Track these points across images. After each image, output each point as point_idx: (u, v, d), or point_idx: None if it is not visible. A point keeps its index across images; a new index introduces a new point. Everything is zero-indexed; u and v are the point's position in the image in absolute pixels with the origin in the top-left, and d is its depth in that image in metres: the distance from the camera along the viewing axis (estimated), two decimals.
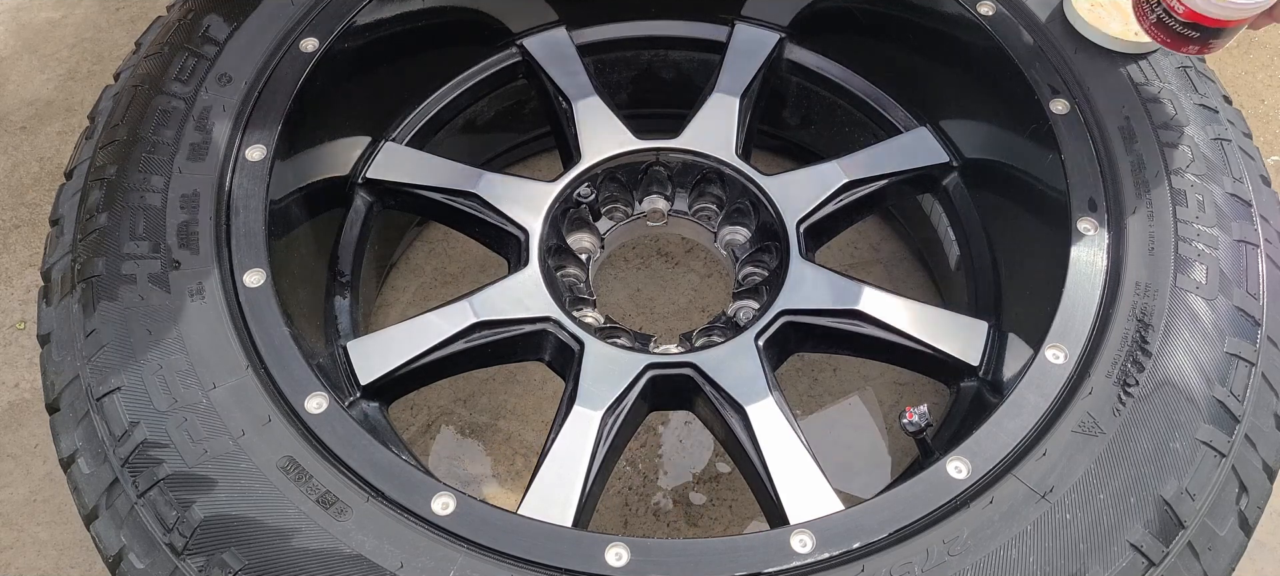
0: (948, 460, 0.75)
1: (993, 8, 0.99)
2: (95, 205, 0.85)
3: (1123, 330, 0.79)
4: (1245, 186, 0.88)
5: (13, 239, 1.29)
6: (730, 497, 1.09)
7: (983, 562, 0.69)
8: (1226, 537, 0.72)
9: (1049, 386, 0.78)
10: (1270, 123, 1.42)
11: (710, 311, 1.21)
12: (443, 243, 1.27)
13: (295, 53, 0.95)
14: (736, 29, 1.12)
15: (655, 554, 0.71)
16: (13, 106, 1.41)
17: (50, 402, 0.78)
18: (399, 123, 1.12)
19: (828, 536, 0.71)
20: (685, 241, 1.26)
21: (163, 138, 0.88)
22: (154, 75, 0.93)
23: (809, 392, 1.16)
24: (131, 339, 0.78)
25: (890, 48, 1.11)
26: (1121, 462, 0.73)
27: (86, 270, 0.81)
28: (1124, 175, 0.88)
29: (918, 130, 1.09)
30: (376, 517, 0.71)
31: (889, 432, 1.13)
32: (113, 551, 0.71)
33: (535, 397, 1.16)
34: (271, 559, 0.68)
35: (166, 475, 0.72)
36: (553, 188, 1.03)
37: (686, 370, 0.91)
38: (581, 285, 1.06)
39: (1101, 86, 0.93)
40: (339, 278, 1.06)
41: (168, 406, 0.75)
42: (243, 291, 0.82)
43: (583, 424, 0.87)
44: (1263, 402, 0.78)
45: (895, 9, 1.06)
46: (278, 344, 0.80)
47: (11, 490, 1.09)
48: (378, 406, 0.93)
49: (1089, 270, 0.84)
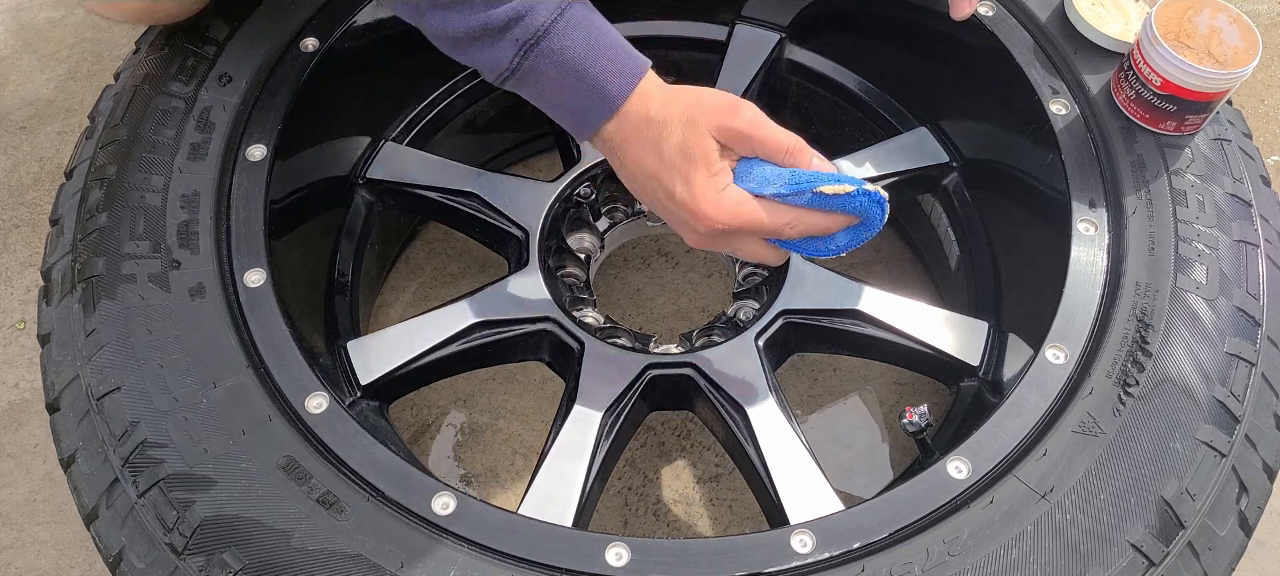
0: (948, 460, 0.75)
1: (993, 8, 0.99)
2: (95, 205, 0.85)
3: (1123, 330, 0.79)
4: (1245, 186, 0.88)
5: (13, 239, 1.29)
6: (730, 497, 1.09)
7: (983, 562, 0.69)
8: (1226, 537, 0.72)
9: (1049, 386, 0.78)
10: (1270, 123, 1.42)
11: (710, 311, 1.21)
12: (443, 242, 1.27)
13: (295, 52, 0.96)
14: (736, 29, 1.12)
15: (655, 554, 0.71)
16: (13, 106, 1.41)
17: (50, 402, 0.78)
18: (399, 122, 1.12)
19: (828, 536, 0.71)
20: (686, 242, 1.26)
21: (163, 137, 0.88)
22: (154, 75, 0.93)
23: (809, 392, 1.16)
24: (132, 339, 0.78)
25: (890, 48, 1.11)
26: (1122, 463, 0.73)
27: (87, 270, 0.81)
28: (1124, 175, 0.88)
29: (918, 130, 1.09)
30: (376, 517, 0.71)
31: (889, 432, 1.13)
32: (113, 551, 0.71)
33: (535, 397, 1.16)
34: (272, 559, 0.68)
35: (167, 475, 0.72)
36: (553, 188, 1.03)
37: (687, 370, 0.91)
38: (581, 285, 1.06)
39: (1102, 86, 0.93)
40: (339, 278, 1.06)
41: (168, 406, 0.75)
42: (243, 291, 0.82)
43: (583, 424, 0.87)
44: (1263, 403, 0.78)
45: (895, 9, 1.06)
46: (278, 344, 0.80)
47: (11, 490, 1.09)
48: (378, 406, 0.93)
49: (1089, 270, 0.84)
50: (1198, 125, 0.89)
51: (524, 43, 0.73)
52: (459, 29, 0.74)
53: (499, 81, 0.76)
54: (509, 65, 0.74)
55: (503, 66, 0.74)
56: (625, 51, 0.76)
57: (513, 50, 0.74)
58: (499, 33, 0.73)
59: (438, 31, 0.75)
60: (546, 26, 0.73)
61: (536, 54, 0.74)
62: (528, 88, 0.76)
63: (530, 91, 0.77)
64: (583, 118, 0.77)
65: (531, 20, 0.73)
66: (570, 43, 0.74)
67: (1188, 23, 0.87)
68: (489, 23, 0.73)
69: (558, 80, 0.75)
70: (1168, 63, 0.85)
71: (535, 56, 0.74)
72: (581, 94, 0.75)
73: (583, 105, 0.76)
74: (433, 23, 0.75)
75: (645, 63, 0.77)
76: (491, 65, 0.75)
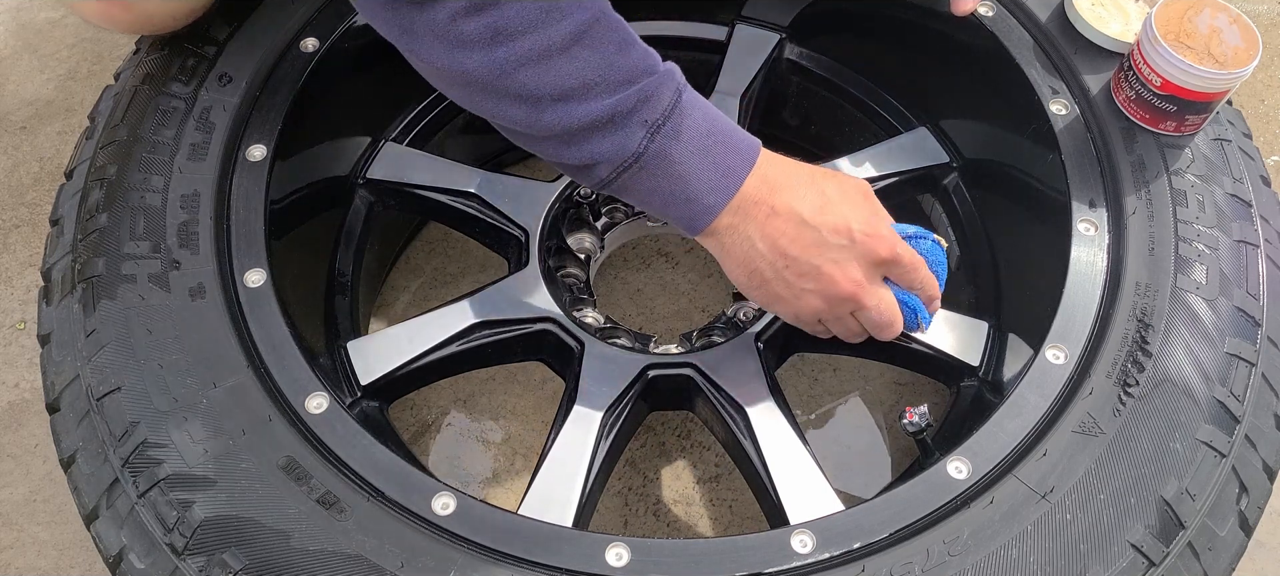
0: (948, 460, 0.75)
1: (993, 8, 0.99)
2: (95, 205, 0.85)
3: (1123, 330, 0.79)
4: (1245, 187, 0.88)
5: (13, 239, 1.29)
6: (730, 497, 1.09)
7: (983, 562, 0.69)
8: (1227, 538, 0.72)
9: (1049, 386, 0.78)
10: (1270, 123, 1.42)
11: (710, 311, 1.21)
12: (443, 243, 1.27)
13: (295, 52, 0.96)
14: (736, 30, 1.12)
15: (655, 554, 0.71)
16: (13, 106, 1.41)
17: (50, 402, 0.78)
18: (399, 122, 1.12)
19: (828, 536, 0.71)
20: (685, 241, 1.26)
21: (163, 138, 0.88)
22: (154, 75, 0.93)
23: (809, 392, 1.16)
24: (132, 339, 0.78)
25: (890, 48, 1.11)
26: (1122, 463, 0.73)
27: (87, 270, 0.81)
28: (1124, 175, 0.88)
29: (918, 130, 1.09)
30: (376, 517, 0.71)
31: (889, 432, 1.13)
32: (113, 551, 0.71)
33: (535, 397, 1.16)
34: (272, 559, 0.68)
35: (167, 475, 0.72)
36: (553, 188, 1.03)
37: (686, 370, 0.91)
38: (581, 285, 1.06)
39: (1102, 87, 0.93)
40: (339, 278, 1.06)
41: (168, 406, 0.75)
42: (243, 291, 0.82)
43: (583, 424, 0.87)
44: (1263, 403, 0.78)
45: (895, 9, 1.06)
46: (278, 344, 0.80)
47: (11, 490, 1.09)
48: (378, 406, 0.93)
49: (1089, 270, 0.84)
50: (1198, 125, 0.89)
51: (653, 123, 0.70)
52: (583, 119, 0.69)
53: (616, 173, 0.72)
54: (635, 151, 0.70)
55: (628, 154, 0.71)
56: (734, 125, 0.76)
57: (641, 133, 0.70)
58: (627, 116, 0.70)
59: (556, 127, 0.70)
60: (671, 106, 0.71)
61: (663, 134, 0.71)
62: (647, 175, 0.72)
63: (647, 180, 0.72)
64: (708, 198, 0.73)
65: (658, 101, 0.70)
66: (693, 120, 0.72)
67: (1188, 23, 0.87)
68: (618, 107, 0.69)
69: (683, 161, 0.72)
70: (1168, 63, 0.85)
71: (662, 138, 0.71)
72: (708, 170, 0.73)
73: (711, 181, 0.73)
74: (551, 119, 0.70)
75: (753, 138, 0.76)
76: (614, 154, 0.71)
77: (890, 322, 0.80)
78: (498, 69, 0.68)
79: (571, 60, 0.68)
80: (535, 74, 0.68)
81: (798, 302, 0.78)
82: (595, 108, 0.69)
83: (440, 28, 0.67)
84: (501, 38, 0.67)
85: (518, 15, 0.67)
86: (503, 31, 0.67)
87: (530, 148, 0.74)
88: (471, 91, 0.71)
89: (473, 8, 0.66)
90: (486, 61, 0.68)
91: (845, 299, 0.77)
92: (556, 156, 0.73)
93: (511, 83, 0.69)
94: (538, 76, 0.68)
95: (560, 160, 0.73)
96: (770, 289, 0.78)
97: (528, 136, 0.73)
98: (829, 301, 0.78)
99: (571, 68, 0.68)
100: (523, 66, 0.68)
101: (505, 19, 0.67)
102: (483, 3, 0.66)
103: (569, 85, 0.69)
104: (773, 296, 0.79)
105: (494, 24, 0.67)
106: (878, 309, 0.78)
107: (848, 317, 0.80)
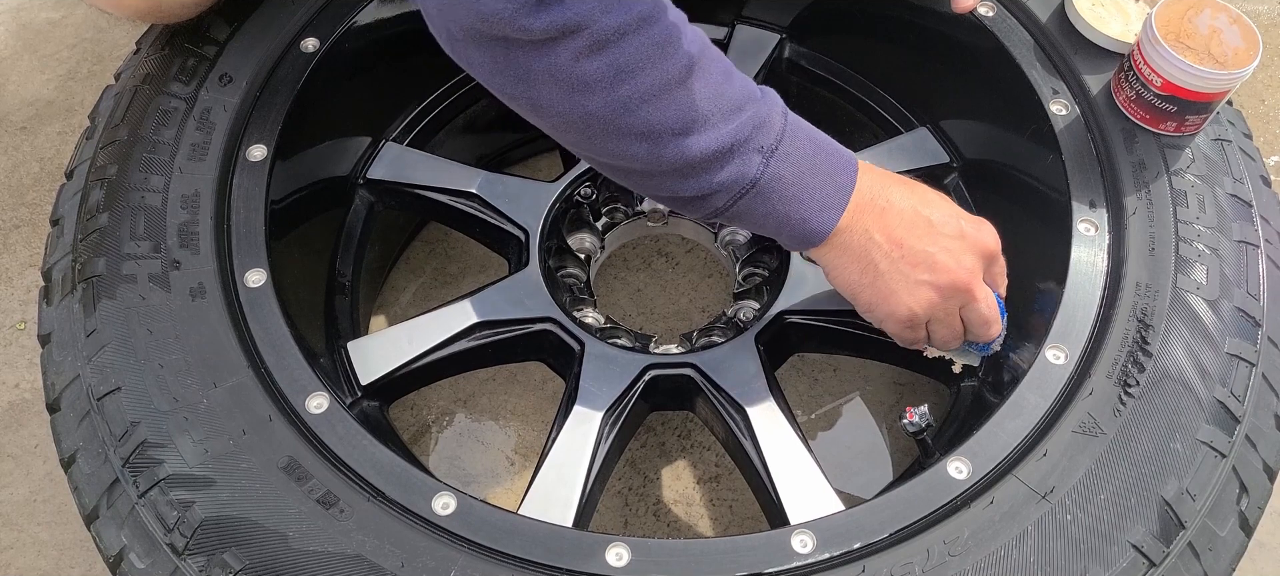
0: (948, 460, 0.75)
1: (993, 8, 0.99)
2: (95, 205, 0.85)
3: (1123, 330, 0.79)
4: (1246, 187, 0.88)
5: (13, 239, 1.29)
6: (730, 497, 1.09)
7: (983, 562, 0.69)
8: (1227, 538, 0.72)
9: (1049, 387, 0.78)
10: (1270, 123, 1.42)
11: (710, 311, 1.21)
12: (443, 243, 1.27)
13: (296, 52, 0.96)
14: (737, 30, 1.12)
15: (655, 554, 0.71)
16: (13, 106, 1.41)
17: (50, 402, 0.78)
18: (399, 122, 1.12)
19: (828, 536, 0.71)
20: (685, 241, 1.26)
21: (163, 138, 0.88)
22: (154, 75, 0.93)
23: (809, 392, 1.16)
24: (132, 339, 0.78)
25: (890, 48, 1.11)
26: (1122, 463, 0.73)
27: (87, 270, 0.81)
28: (1124, 176, 0.88)
29: (918, 131, 1.09)
30: (377, 517, 0.71)
31: (889, 432, 1.13)
32: (113, 551, 0.71)
33: (535, 397, 1.16)
34: (272, 559, 0.68)
35: (167, 475, 0.72)
36: (553, 188, 1.03)
37: (687, 370, 0.91)
38: (582, 285, 1.06)
39: (1102, 87, 0.93)
40: (339, 278, 1.06)
41: (168, 406, 0.75)
42: (243, 291, 0.82)
43: (583, 424, 0.87)
44: (1263, 403, 0.78)
45: (895, 9, 1.07)
46: (278, 344, 0.80)
47: (11, 490, 1.09)
48: (378, 406, 0.93)
49: (1089, 270, 0.84)
50: (1198, 126, 0.89)
51: (767, 149, 0.71)
52: (704, 151, 0.69)
53: (731, 202, 0.73)
54: (753, 177, 0.71)
55: (746, 182, 0.71)
56: (829, 138, 0.77)
57: (758, 160, 0.71)
58: (744, 144, 0.70)
59: (676, 161, 0.70)
60: (782, 129, 0.72)
61: (777, 158, 0.72)
62: (762, 200, 0.73)
63: (762, 205, 0.73)
64: (822, 214, 0.75)
65: (769, 126, 0.72)
66: (799, 141, 0.73)
67: (1188, 23, 0.87)
68: (737, 136, 0.70)
69: (796, 182, 0.73)
70: (1168, 63, 0.85)
71: (776, 161, 0.72)
72: (819, 187, 0.74)
73: (823, 197, 0.74)
74: (671, 154, 0.69)
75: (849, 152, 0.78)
76: (733, 183, 0.71)
77: (995, 319, 0.81)
78: (621, 107, 0.68)
79: (688, 92, 0.69)
80: (657, 110, 0.68)
81: (911, 296, 0.78)
82: (714, 138, 0.70)
83: (562, 70, 0.66)
84: (624, 76, 0.66)
85: (637, 51, 0.66)
86: (624, 69, 0.66)
87: (643, 186, 0.74)
88: (591, 134, 0.70)
89: (595, 45, 0.65)
90: (609, 101, 0.67)
91: (960, 289, 0.78)
92: (672, 191, 0.73)
93: (634, 120, 0.68)
94: (660, 112, 0.68)
95: (675, 194, 0.73)
96: (884, 283, 0.78)
97: (645, 174, 0.72)
98: (943, 293, 0.78)
99: (689, 100, 0.69)
100: (645, 103, 0.68)
101: (626, 56, 0.66)
102: (604, 39, 0.65)
103: (688, 118, 0.69)
104: (885, 292, 0.78)
105: (616, 61, 0.66)
106: (987, 302, 0.79)
107: (954, 316, 0.80)
